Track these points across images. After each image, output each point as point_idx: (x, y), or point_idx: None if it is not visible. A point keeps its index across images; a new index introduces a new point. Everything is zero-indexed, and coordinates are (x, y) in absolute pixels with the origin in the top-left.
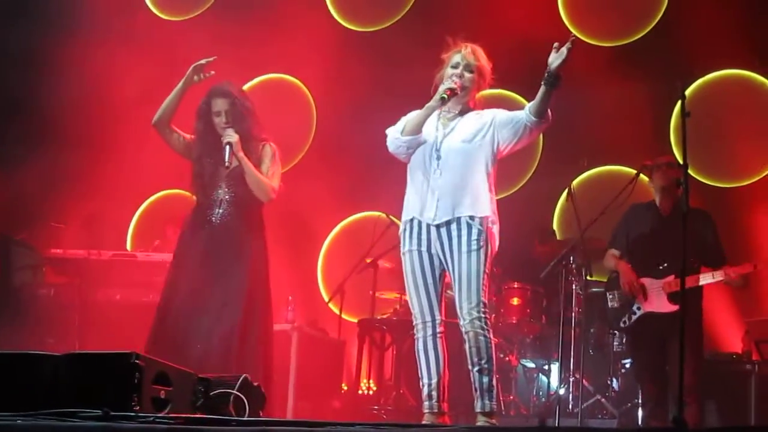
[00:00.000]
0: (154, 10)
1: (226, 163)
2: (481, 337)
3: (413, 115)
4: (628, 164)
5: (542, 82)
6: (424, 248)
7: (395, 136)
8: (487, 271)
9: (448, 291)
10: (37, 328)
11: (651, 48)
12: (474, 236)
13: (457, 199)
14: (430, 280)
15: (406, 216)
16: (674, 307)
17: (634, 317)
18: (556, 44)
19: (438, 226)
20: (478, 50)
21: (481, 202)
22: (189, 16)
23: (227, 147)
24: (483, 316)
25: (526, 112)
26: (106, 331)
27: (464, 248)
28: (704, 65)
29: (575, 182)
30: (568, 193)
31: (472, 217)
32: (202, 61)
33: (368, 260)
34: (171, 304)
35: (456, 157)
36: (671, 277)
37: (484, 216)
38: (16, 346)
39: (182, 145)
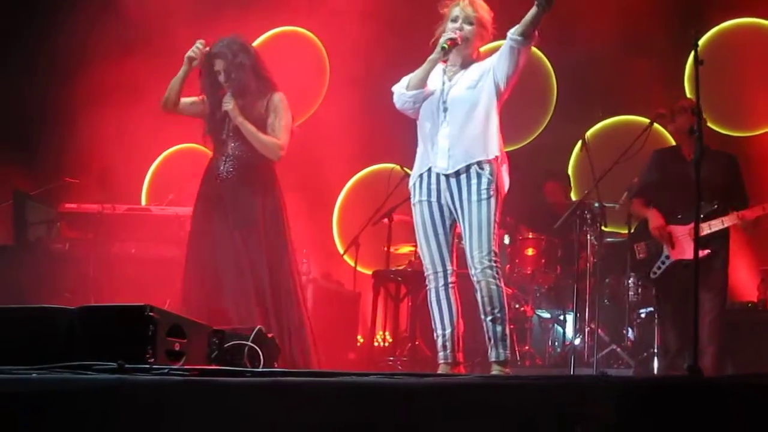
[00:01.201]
0: None
1: (223, 135)
2: (493, 286)
3: (417, 71)
4: (643, 114)
5: (535, 3)
6: (434, 198)
7: (400, 92)
8: (497, 220)
9: (460, 242)
10: (53, 283)
11: None
12: (484, 185)
13: (467, 146)
14: (440, 231)
15: (417, 170)
16: (702, 253)
17: (663, 266)
18: None
19: (448, 177)
20: (476, 1)
21: (490, 143)
22: None
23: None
24: (494, 264)
25: (511, 35)
26: (121, 284)
27: (474, 197)
28: (718, 14)
29: (589, 132)
30: (582, 143)
31: (481, 165)
32: (191, 53)
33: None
34: (193, 259)
35: (463, 105)
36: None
37: (494, 157)
38: (31, 300)
39: (196, 107)
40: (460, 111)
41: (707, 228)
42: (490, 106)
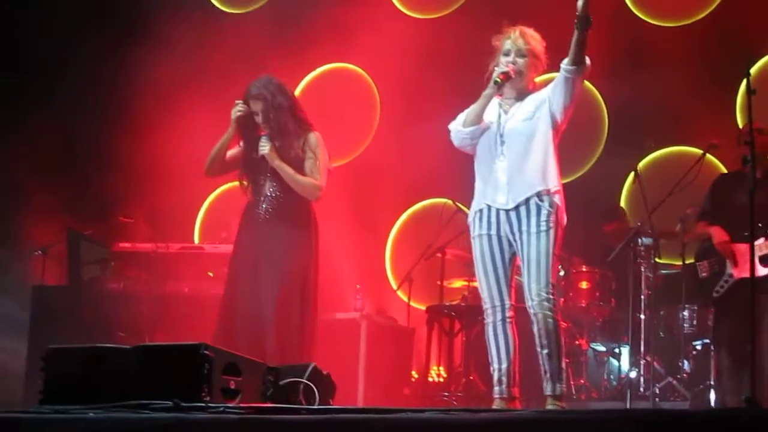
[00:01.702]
0: (216, 3)
1: (261, 179)
2: (550, 320)
3: (472, 107)
4: (695, 144)
5: (575, 26)
6: (493, 232)
7: (457, 129)
8: (556, 252)
9: (517, 276)
10: (107, 322)
11: (716, 26)
12: (543, 217)
13: (525, 178)
14: (500, 264)
15: (476, 205)
16: (766, 270)
17: (726, 285)
18: None
19: (508, 210)
20: (527, 32)
21: (549, 175)
22: (250, 9)
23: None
24: (551, 297)
25: (564, 65)
26: (175, 323)
27: (533, 229)
28: None
29: (641, 164)
30: (634, 175)
31: (540, 197)
32: (238, 113)
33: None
34: (228, 299)
35: (519, 137)
36: (762, 240)
37: (554, 189)
38: (86, 340)
39: (237, 158)
40: (518, 143)
41: None
42: (548, 138)
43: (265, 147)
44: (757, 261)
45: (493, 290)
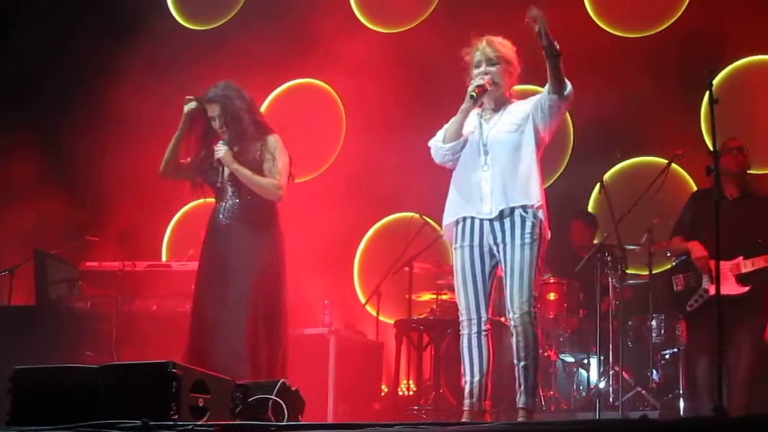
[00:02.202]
0: (179, 20)
1: (218, 183)
2: (530, 333)
3: (450, 122)
4: (661, 154)
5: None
6: (476, 243)
7: (438, 145)
8: (539, 264)
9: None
10: (75, 342)
11: (679, 36)
12: (528, 229)
13: (509, 189)
14: (479, 276)
15: (452, 216)
16: (743, 289)
17: (701, 300)
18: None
19: (492, 220)
20: (494, 40)
21: (532, 189)
22: (213, 25)
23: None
24: (533, 311)
25: (548, 94)
26: (143, 342)
27: (518, 241)
28: (732, 52)
29: (608, 174)
30: (601, 186)
31: (525, 209)
32: (189, 108)
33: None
34: (195, 312)
35: (503, 148)
36: (739, 259)
37: (537, 204)
38: (53, 359)
39: (187, 170)
40: (502, 154)
41: (750, 265)
42: (532, 151)
43: (221, 150)
44: (734, 280)
45: (470, 302)
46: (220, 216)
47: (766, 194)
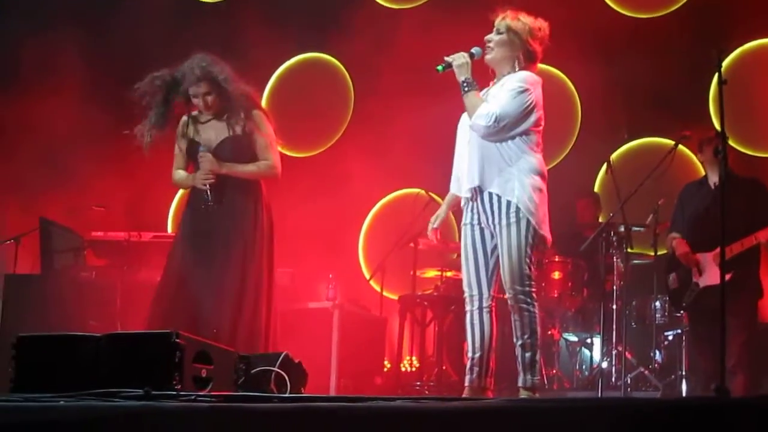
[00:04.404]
0: None
1: (210, 202)
2: (525, 312)
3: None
4: (668, 135)
5: None
6: (475, 221)
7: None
8: (530, 242)
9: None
10: (79, 311)
11: (689, 16)
12: (511, 209)
13: (484, 172)
14: (480, 254)
15: (456, 191)
16: (726, 276)
17: (693, 294)
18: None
19: (482, 200)
20: (510, 13)
21: (509, 186)
22: None
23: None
24: (527, 289)
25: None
26: (147, 312)
27: (504, 221)
28: (742, 34)
29: (614, 155)
30: (607, 166)
31: (500, 197)
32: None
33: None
34: (166, 284)
35: None
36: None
37: (523, 206)
38: (58, 328)
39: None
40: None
41: (728, 252)
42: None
43: (206, 161)
44: (717, 268)
45: (472, 278)
46: (205, 196)
47: (748, 176)
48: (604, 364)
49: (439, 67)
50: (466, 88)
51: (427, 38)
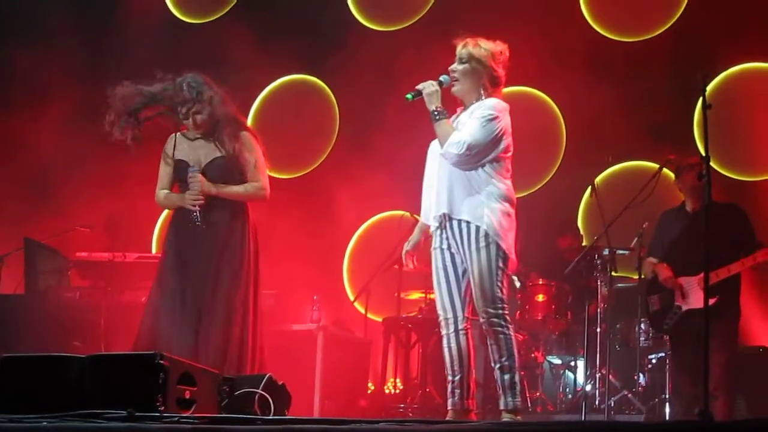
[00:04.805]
0: (174, 12)
1: (198, 222)
2: (500, 335)
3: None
4: (652, 159)
5: None
6: (445, 246)
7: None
8: (500, 266)
9: None
10: (63, 332)
11: (674, 42)
12: (480, 234)
13: (453, 199)
14: (452, 277)
15: (424, 218)
16: (711, 301)
17: (675, 317)
18: None
19: (451, 224)
20: (471, 41)
21: (478, 212)
22: (209, 19)
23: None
24: (500, 312)
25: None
26: (132, 333)
27: (473, 245)
28: (727, 59)
29: (599, 178)
30: (592, 189)
31: (469, 224)
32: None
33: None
34: (153, 305)
35: None
36: (701, 274)
37: (490, 231)
38: (41, 349)
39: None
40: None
41: (714, 277)
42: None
43: (196, 182)
44: (701, 292)
45: (446, 302)
46: (193, 217)
47: (726, 202)
48: (588, 387)
49: (409, 96)
50: (437, 117)
51: (416, 60)
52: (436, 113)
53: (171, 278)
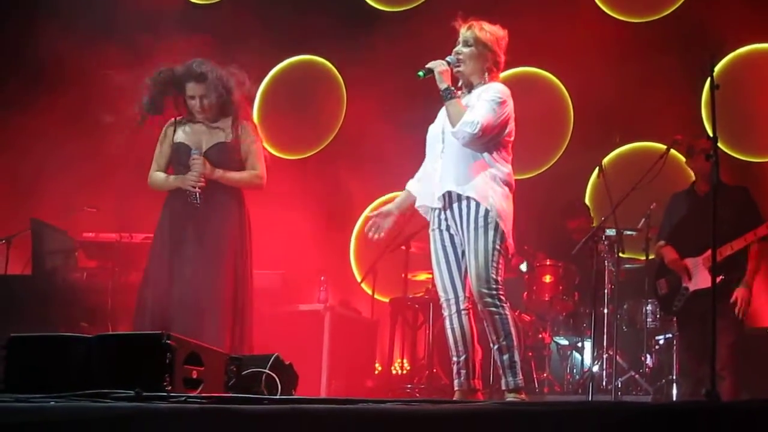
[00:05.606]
0: None
1: (198, 203)
2: (496, 316)
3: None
4: (660, 140)
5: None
6: (443, 227)
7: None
8: (498, 248)
9: None
10: (70, 312)
11: (682, 23)
12: (481, 213)
13: (461, 179)
14: (452, 258)
15: (420, 202)
16: (717, 279)
17: (683, 298)
18: None
19: (442, 209)
20: (476, 24)
21: (483, 192)
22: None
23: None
24: (495, 293)
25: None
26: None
27: (472, 225)
28: (735, 39)
29: (607, 159)
30: (599, 170)
31: (469, 200)
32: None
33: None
34: (148, 286)
35: (453, 139)
36: (709, 252)
37: (484, 195)
38: (48, 329)
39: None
40: (452, 144)
41: (718, 255)
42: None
43: (197, 162)
44: (707, 272)
45: (446, 283)
46: (191, 199)
47: (735, 183)
48: (595, 368)
49: (420, 73)
50: (448, 96)
51: (421, 41)
52: (447, 92)
53: (164, 256)
